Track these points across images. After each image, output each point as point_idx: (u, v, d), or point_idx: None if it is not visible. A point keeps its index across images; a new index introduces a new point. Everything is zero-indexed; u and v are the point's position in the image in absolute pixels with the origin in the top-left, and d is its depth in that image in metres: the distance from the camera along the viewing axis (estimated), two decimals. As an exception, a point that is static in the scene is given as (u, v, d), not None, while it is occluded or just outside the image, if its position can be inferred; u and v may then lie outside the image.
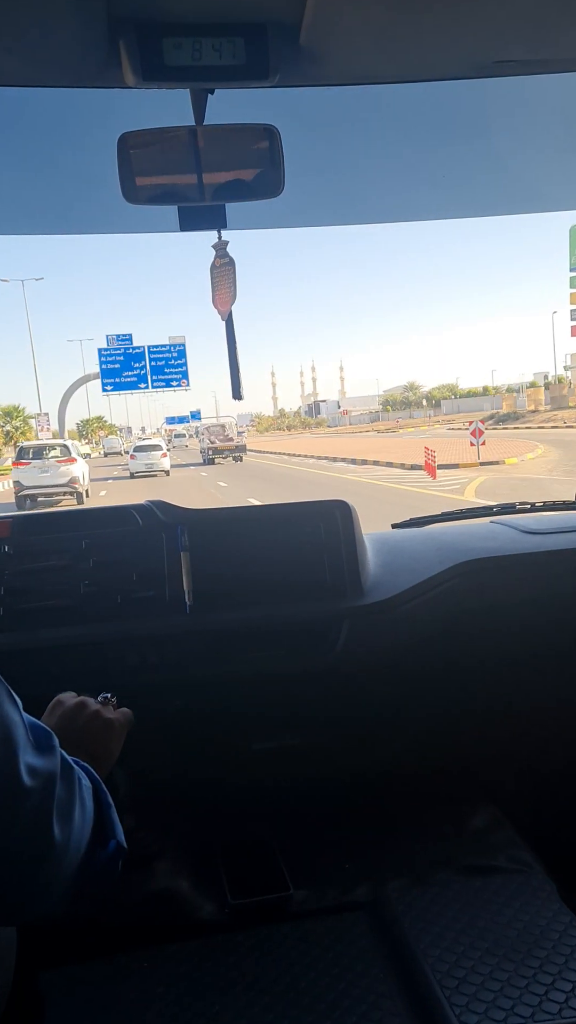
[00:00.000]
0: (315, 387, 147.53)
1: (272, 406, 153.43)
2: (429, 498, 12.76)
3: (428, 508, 1.96)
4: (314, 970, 1.24)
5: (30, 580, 1.53)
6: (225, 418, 37.80)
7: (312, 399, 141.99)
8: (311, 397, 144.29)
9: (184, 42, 0.92)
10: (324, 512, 1.63)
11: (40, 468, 17.61)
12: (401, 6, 0.90)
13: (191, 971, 1.26)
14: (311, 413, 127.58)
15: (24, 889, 0.71)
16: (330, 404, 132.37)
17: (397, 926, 1.34)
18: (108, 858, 0.82)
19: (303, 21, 0.92)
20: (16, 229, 1.78)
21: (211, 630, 1.51)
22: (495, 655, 1.75)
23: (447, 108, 1.43)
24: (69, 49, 0.96)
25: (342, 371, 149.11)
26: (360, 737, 1.71)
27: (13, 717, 0.68)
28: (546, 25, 0.99)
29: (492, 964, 1.22)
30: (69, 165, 1.51)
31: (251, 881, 1.47)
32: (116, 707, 1.08)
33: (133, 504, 1.63)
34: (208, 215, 1.19)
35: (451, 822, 1.67)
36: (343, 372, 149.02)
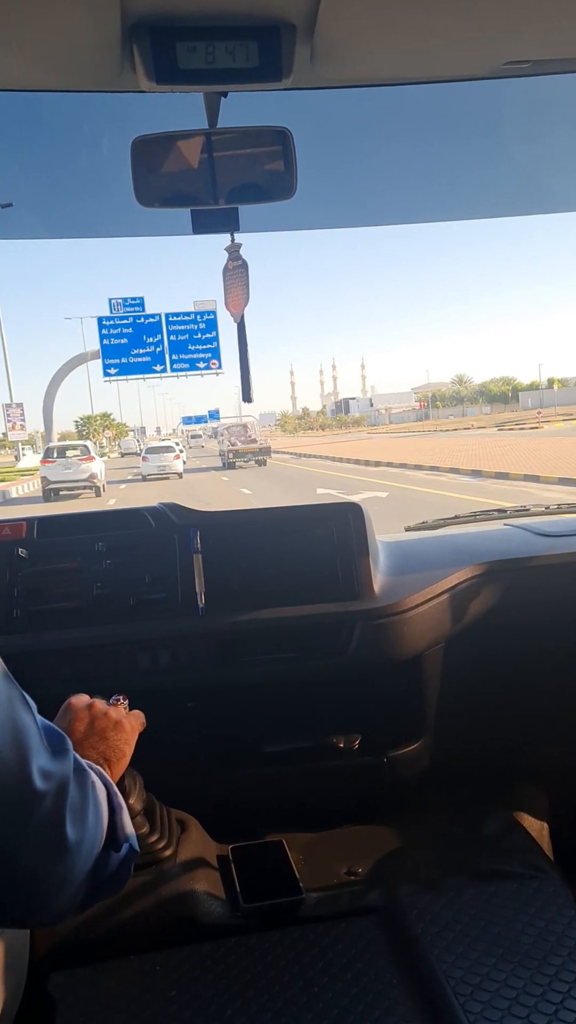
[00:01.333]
0: (335, 386, 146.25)
1: (292, 405, 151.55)
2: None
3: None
4: (326, 974, 1.24)
5: (44, 582, 1.54)
6: (247, 418, 34.61)
7: (333, 398, 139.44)
8: (331, 396, 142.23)
9: (197, 46, 0.92)
10: (336, 514, 1.63)
11: (63, 465, 20.64)
12: (413, 7, 0.90)
13: (203, 974, 1.26)
14: (339, 411, 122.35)
15: (38, 892, 0.71)
16: (361, 401, 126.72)
17: (410, 931, 1.33)
18: (120, 861, 0.82)
19: (316, 23, 0.92)
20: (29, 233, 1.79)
21: (223, 632, 1.51)
22: (510, 658, 1.74)
23: (459, 109, 1.43)
24: (83, 54, 0.97)
25: (363, 368, 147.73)
26: (373, 740, 1.70)
27: (27, 721, 0.68)
28: (558, 26, 0.99)
29: (507, 971, 1.21)
30: (82, 169, 1.52)
31: (263, 884, 1.47)
32: (128, 709, 1.08)
33: (146, 506, 1.63)
34: (221, 218, 1.19)
35: (465, 827, 1.66)
36: (364, 370, 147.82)
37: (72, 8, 0.86)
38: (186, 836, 1.52)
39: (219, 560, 1.56)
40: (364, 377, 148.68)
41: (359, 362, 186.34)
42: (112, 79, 1.02)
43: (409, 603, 1.55)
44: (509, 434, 36.80)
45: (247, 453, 28.54)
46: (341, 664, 1.53)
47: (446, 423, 69.80)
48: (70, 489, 20.56)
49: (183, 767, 1.62)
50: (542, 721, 1.79)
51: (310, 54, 0.98)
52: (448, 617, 1.60)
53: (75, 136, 1.41)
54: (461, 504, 12.06)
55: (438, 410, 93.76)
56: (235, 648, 1.52)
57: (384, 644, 1.55)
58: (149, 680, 1.47)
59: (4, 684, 0.67)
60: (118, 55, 0.96)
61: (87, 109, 1.29)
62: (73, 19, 0.88)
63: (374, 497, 13.49)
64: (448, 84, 1.15)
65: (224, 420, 46.69)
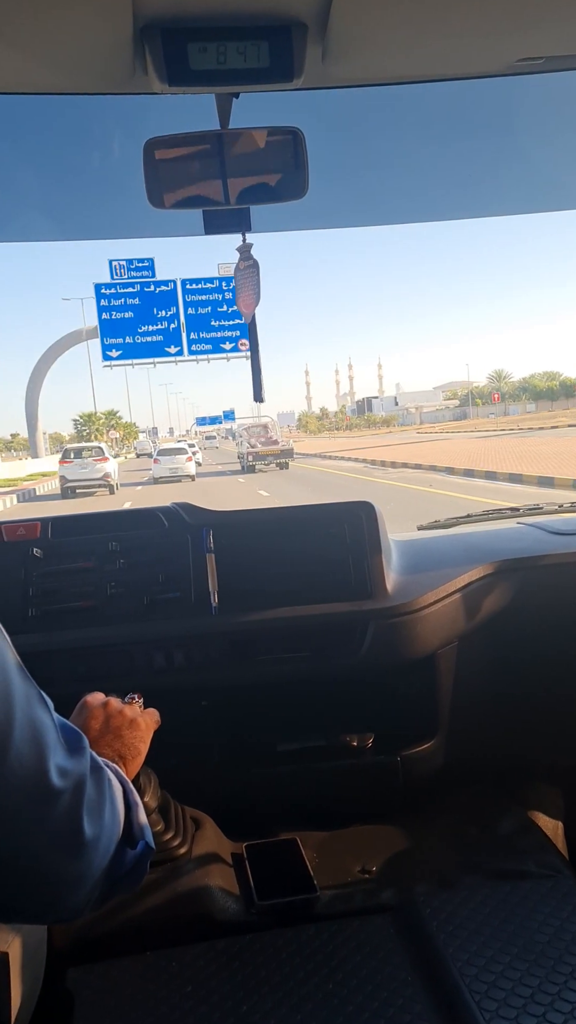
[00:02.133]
0: (352, 385, 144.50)
1: (307, 405, 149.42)
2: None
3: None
4: (341, 971, 1.24)
5: (58, 581, 1.55)
6: (265, 418, 32.24)
7: (350, 398, 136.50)
8: (348, 396, 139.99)
9: (209, 47, 0.92)
10: (349, 513, 1.63)
11: (80, 465, 22.61)
12: (425, 5, 0.90)
13: (219, 970, 1.26)
14: (361, 410, 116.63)
15: (54, 889, 0.72)
16: (385, 400, 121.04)
17: (425, 930, 1.33)
18: (136, 858, 0.82)
19: (328, 22, 0.92)
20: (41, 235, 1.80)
21: (236, 631, 1.52)
22: (524, 657, 1.73)
23: (470, 106, 1.43)
24: (95, 57, 0.97)
25: (380, 368, 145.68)
26: (386, 739, 1.70)
27: (44, 719, 0.69)
28: (572, 22, 0.98)
29: (522, 970, 1.21)
30: (94, 171, 1.53)
31: (277, 882, 1.47)
32: (143, 708, 1.08)
33: (159, 506, 1.64)
34: (232, 218, 1.20)
35: (479, 825, 1.65)
36: (381, 370, 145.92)
37: (84, 11, 0.86)
38: (201, 834, 1.53)
39: (232, 559, 1.57)
40: (381, 377, 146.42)
41: (376, 362, 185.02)
42: (124, 81, 1.02)
43: (422, 602, 1.55)
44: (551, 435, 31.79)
45: (268, 455, 26.68)
46: (354, 663, 1.53)
47: (487, 423, 64.37)
48: (86, 487, 22.26)
49: (197, 765, 1.63)
50: (557, 720, 1.78)
51: (322, 54, 0.98)
52: (461, 616, 1.60)
53: (87, 138, 1.41)
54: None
55: (478, 408, 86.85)
56: (248, 647, 1.53)
57: (397, 643, 1.55)
58: (163, 679, 1.48)
59: (21, 682, 0.68)
60: (130, 57, 0.96)
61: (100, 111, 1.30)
62: (85, 22, 0.88)
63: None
64: (460, 81, 1.15)
65: (242, 420, 43.68)
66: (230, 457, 38.59)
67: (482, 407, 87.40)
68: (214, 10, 0.89)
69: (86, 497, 21.27)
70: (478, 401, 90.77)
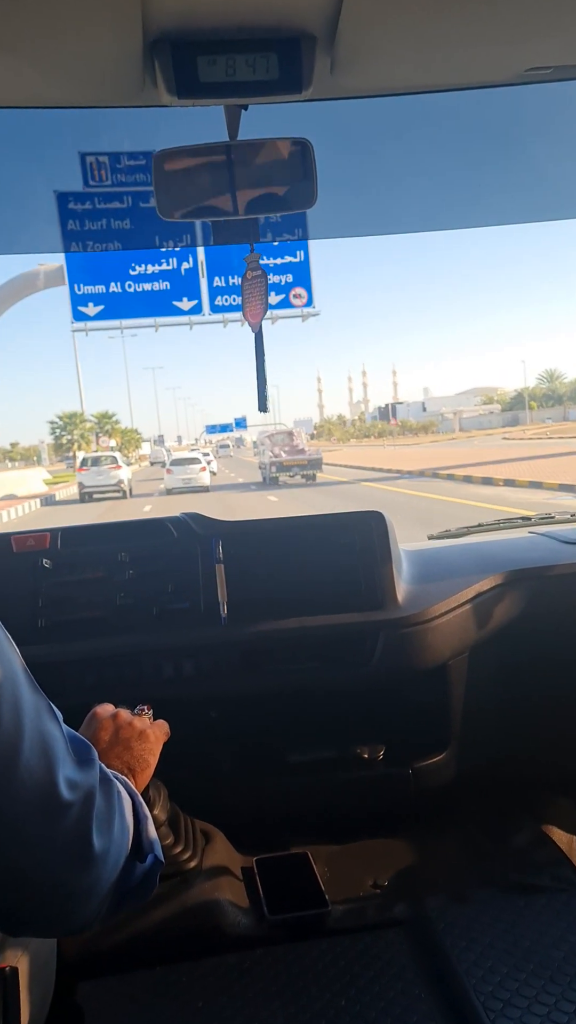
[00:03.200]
0: (366, 393, 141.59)
1: (319, 413, 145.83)
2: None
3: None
4: (354, 987, 1.22)
5: (68, 591, 1.55)
6: (280, 424, 31.55)
7: (363, 405, 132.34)
8: (361, 404, 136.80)
9: (218, 59, 0.93)
10: (359, 523, 1.62)
11: (96, 472, 24.75)
12: (434, 16, 0.90)
13: (229, 985, 1.25)
14: (384, 417, 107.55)
15: (64, 902, 0.71)
16: (411, 406, 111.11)
17: (438, 945, 1.31)
18: (145, 871, 0.82)
19: (336, 34, 0.92)
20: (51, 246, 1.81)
21: (246, 641, 1.51)
22: (536, 668, 1.71)
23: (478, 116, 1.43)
24: (105, 70, 0.98)
25: (395, 375, 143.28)
26: (398, 750, 1.69)
27: (53, 731, 0.69)
28: None
29: (537, 987, 1.19)
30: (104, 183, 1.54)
31: (288, 896, 1.46)
32: (152, 719, 1.08)
33: (168, 516, 1.64)
34: (241, 228, 1.20)
35: (492, 839, 1.63)
36: (396, 377, 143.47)
37: (94, 26, 0.87)
38: (210, 847, 1.52)
39: (241, 569, 1.56)
40: (395, 384, 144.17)
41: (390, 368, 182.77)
42: (134, 94, 1.03)
43: (433, 612, 1.54)
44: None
45: (293, 466, 23.86)
46: (365, 674, 1.52)
47: (544, 428, 53.95)
48: (102, 492, 24.36)
49: (207, 778, 1.62)
50: (570, 732, 1.76)
51: (331, 65, 0.99)
52: (473, 626, 1.58)
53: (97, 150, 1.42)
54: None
55: (531, 412, 74.31)
56: (258, 658, 1.52)
57: (408, 653, 1.54)
58: (173, 689, 1.48)
59: (31, 693, 0.68)
60: (140, 71, 0.97)
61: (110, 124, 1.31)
62: (95, 36, 0.89)
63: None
64: (468, 91, 1.15)
65: (263, 427, 38.80)
66: (247, 467, 36.56)
67: (536, 411, 74.24)
68: (223, 23, 0.90)
69: (103, 501, 22.82)
70: (532, 404, 75.57)
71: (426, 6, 0.87)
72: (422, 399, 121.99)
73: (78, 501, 24.02)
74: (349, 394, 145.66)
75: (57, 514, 20.19)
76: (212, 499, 19.27)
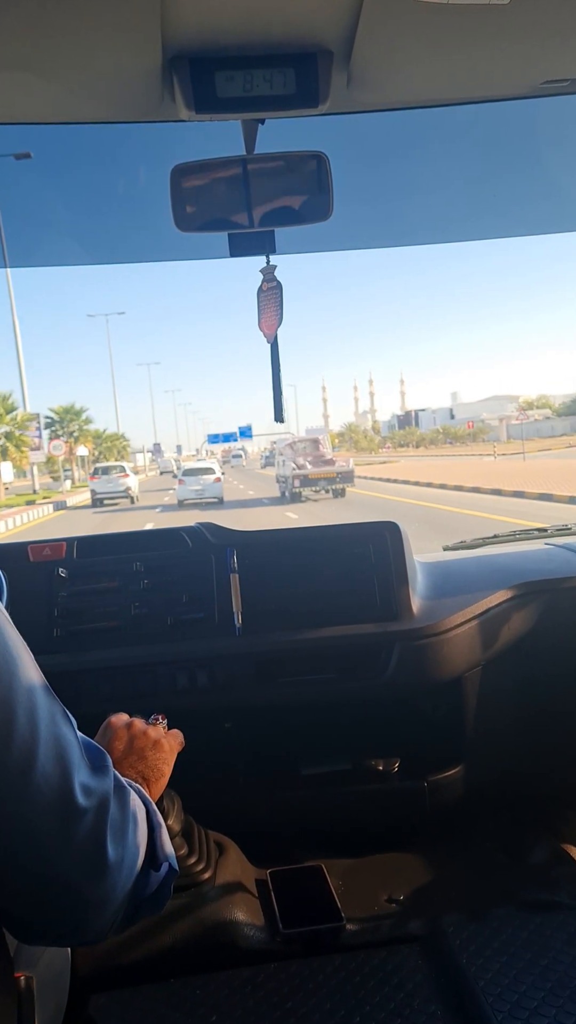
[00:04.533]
0: (373, 402, 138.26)
1: (324, 423, 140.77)
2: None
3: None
4: (368, 1004, 1.21)
5: (83, 601, 1.56)
6: (285, 433, 28.08)
7: (370, 415, 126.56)
8: (368, 414, 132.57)
9: (236, 75, 0.94)
10: (374, 533, 1.62)
11: (107, 481, 27.11)
12: (451, 30, 0.91)
13: (243, 1000, 1.24)
14: (405, 424, 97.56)
15: (78, 910, 0.71)
16: (438, 413, 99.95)
17: (454, 961, 1.30)
18: (160, 881, 0.81)
19: (353, 49, 0.93)
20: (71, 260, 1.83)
21: (261, 652, 1.51)
22: (553, 680, 1.69)
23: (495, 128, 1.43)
24: (126, 86, 0.99)
25: (403, 384, 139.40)
26: (412, 763, 1.67)
27: (68, 737, 0.69)
28: None
29: (556, 1006, 1.17)
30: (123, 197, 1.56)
31: (302, 910, 1.44)
32: (167, 729, 1.08)
33: (183, 526, 1.65)
34: (257, 241, 1.21)
35: (509, 854, 1.61)
36: (404, 386, 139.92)
37: (115, 43, 0.88)
38: (224, 859, 1.51)
39: (256, 580, 1.56)
40: (403, 393, 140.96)
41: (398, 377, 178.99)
42: (153, 110, 1.05)
43: (448, 624, 1.53)
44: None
45: (320, 479, 20.26)
46: (380, 685, 1.51)
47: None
48: (112, 498, 26.58)
49: (221, 789, 1.61)
50: None
51: (347, 80, 1.00)
52: (488, 638, 1.57)
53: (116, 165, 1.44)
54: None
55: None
56: (273, 668, 1.52)
57: (423, 665, 1.53)
58: (187, 700, 1.48)
59: (46, 699, 0.68)
60: (159, 86, 0.98)
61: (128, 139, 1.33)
62: (116, 53, 0.91)
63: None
64: (482, 104, 1.16)
65: (271, 436, 33.68)
66: (258, 479, 33.98)
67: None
68: (241, 39, 0.91)
69: (113, 506, 25.18)
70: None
71: (442, 21, 0.87)
72: (449, 405, 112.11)
73: (90, 506, 26.05)
74: (355, 403, 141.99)
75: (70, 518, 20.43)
76: (226, 517, 17.97)
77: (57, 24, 0.83)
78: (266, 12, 0.87)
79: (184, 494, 22.54)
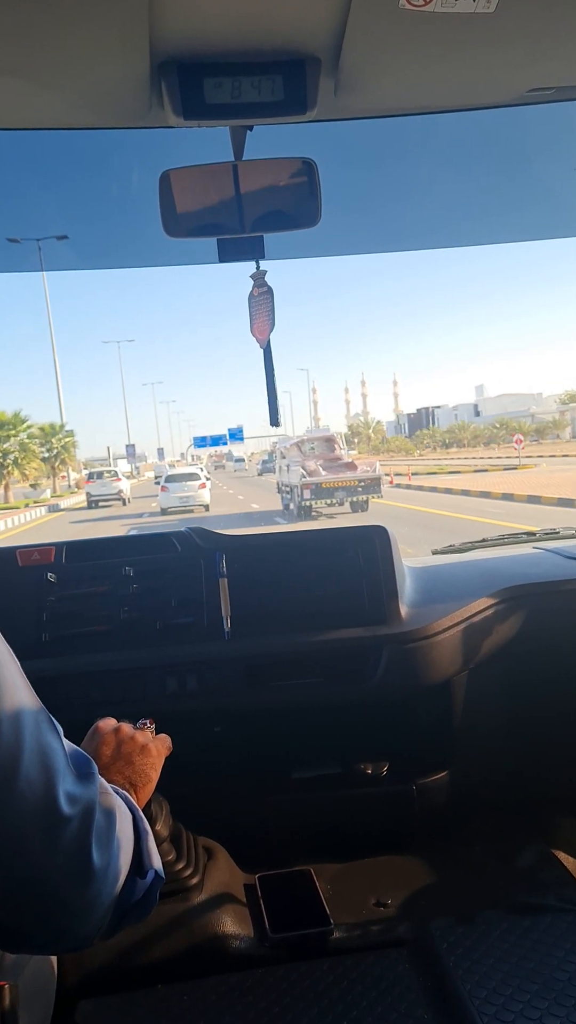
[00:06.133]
0: (365, 404, 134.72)
1: (314, 426, 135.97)
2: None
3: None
4: (356, 1008, 1.21)
5: (72, 606, 1.55)
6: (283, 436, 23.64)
7: (363, 418, 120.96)
8: (360, 416, 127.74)
9: (224, 81, 0.95)
10: (362, 538, 1.62)
11: (101, 484, 29.38)
12: (437, 38, 0.91)
13: (231, 1006, 1.24)
14: (416, 425, 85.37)
15: (63, 918, 0.71)
16: (460, 409, 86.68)
17: (442, 965, 1.30)
18: (146, 888, 0.81)
19: (340, 57, 0.94)
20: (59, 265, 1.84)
21: (250, 656, 1.51)
22: (541, 684, 1.70)
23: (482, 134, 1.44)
24: (114, 92, 1.00)
25: (396, 386, 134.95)
26: (401, 767, 1.67)
27: (54, 745, 0.69)
28: None
29: (542, 1009, 1.17)
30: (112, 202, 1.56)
31: (290, 915, 1.44)
32: (155, 733, 1.07)
33: (172, 531, 1.65)
34: (247, 246, 1.21)
35: (497, 858, 1.62)
36: (397, 387, 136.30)
37: (103, 49, 0.88)
38: (213, 864, 1.51)
39: (245, 584, 1.56)
40: (397, 395, 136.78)
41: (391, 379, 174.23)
42: (142, 115, 1.05)
43: (437, 627, 1.54)
44: None
45: (338, 488, 15.95)
46: (369, 689, 1.52)
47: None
48: (106, 500, 28.77)
49: (210, 793, 1.61)
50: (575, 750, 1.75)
51: (334, 87, 1.00)
52: (477, 642, 1.58)
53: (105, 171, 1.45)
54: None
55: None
56: (262, 672, 1.52)
57: (412, 669, 1.53)
58: (176, 704, 1.47)
59: (32, 707, 0.68)
60: (147, 92, 0.98)
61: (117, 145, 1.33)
62: (104, 59, 0.91)
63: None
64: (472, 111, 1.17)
65: (281, 436, 27.57)
66: (256, 486, 31.26)
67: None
68: (229, 46, 0.92)
69: (107, 507, 27.38)
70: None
71: (428, 29, 0.88)
72: (472, 400, 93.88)
73: (85, 507, 28.28)
74: (347, 406, 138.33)
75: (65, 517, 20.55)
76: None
77: (44, 30, 0.83)
78: (254, 19, 0.87)
79: (168, 502, 21.34)
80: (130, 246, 1.74)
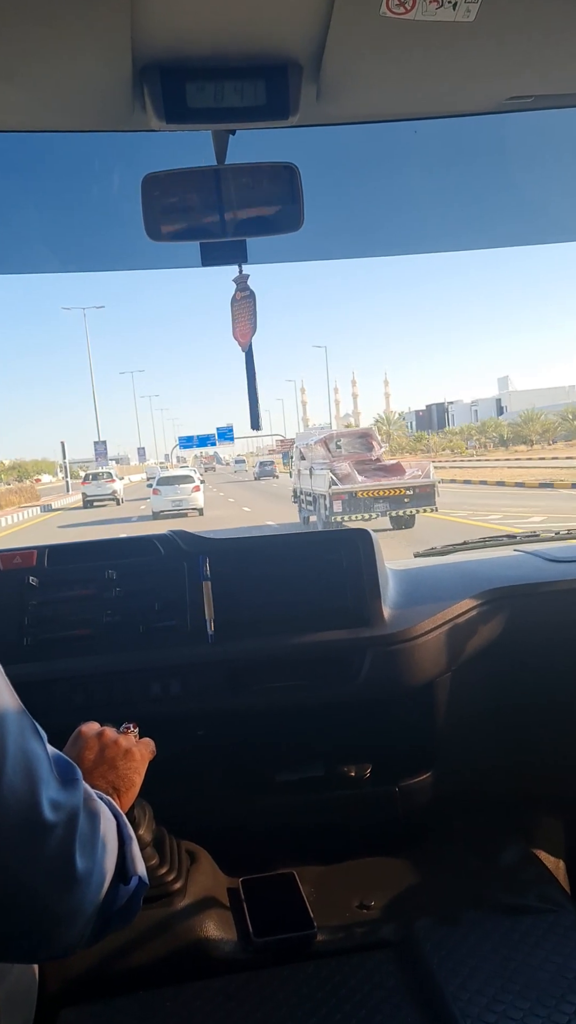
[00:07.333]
0: (356, 404, 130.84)
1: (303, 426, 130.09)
2: None
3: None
4: (340, 1011, 1.21)
5: (54, 609, 1.54)
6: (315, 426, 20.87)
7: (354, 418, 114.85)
8: (351, 416, 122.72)
9: (207, 85, 0.95)
10: (346, 541, 1.63)
11: (96, 486, 31.43)
12: (417, 47, 0.92)
13: (214, 1011, 1.23)
14: (426, 424, 74.86)
15: (46, 926, 0.70)
16: (482, 404, 76.57)
17: (425, 966, 1.30)
18: (130, 894, 0.81)
19: (322, 63, 0.94)
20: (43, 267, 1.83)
21: (233, 659, 1.51)
22: (522, 685, 1.72)
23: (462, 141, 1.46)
24: (96, 96, 0.99)
25: (387, 385, 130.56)
26: (384, 769, 1.68)
27: (37, 751, 0.68)
28: (559, 63, 1.01)
29: (525, 1009, 1.18)
30: (94, 205, 1.55)
31: (274, 918, 1.44)
32: (138, 737, 1.07)
33: (155, 534, 1.64)
34: (229, 250, 1.22)
35: (480, 858, 1.63)
36: (388, 387, 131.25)
37: (85, 53, 0.88)
38: (196, 868, 1.50)
39: (228, 587, 1.56)
40: (388, 395, 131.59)
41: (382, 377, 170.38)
42: (123, 119, 1.05)
43: (420, 630, 1.54)
44: None
45: (381, 498, 12.53)
46: (352, 691, 1.52)
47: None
48: (100, 500, 30.63)
49: (193, 797, 1.60)
50: (558, 750, 1.76)
51: (316, 93, 1.01)
52: (459, 644, 1.59)
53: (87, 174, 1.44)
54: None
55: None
56: (245, 675, 1.52)
57: (395, 671, 1.54)
58: (160, 708, 1.47)
59: (15, 713, 0.67)
60: (129, 96, 0.98)
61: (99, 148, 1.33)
62: (86, 62, 0.91)
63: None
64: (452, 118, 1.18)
65: (305, 432, 24.09)
66: (256, 491, 29.91)
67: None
68: (211, 50, 0.92)
69: (101, 507, 29.01)
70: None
71: (409, 37, 0.89)
72: (495, 394, 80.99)
73: (82, 507, 30.06)
74: (336, 406, 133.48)
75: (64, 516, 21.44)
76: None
77: (26, 33, 0.83)
78: (236, 23, 0.87)
79: (160, 505, 20.49)
80: (112, 249, 1.73)
